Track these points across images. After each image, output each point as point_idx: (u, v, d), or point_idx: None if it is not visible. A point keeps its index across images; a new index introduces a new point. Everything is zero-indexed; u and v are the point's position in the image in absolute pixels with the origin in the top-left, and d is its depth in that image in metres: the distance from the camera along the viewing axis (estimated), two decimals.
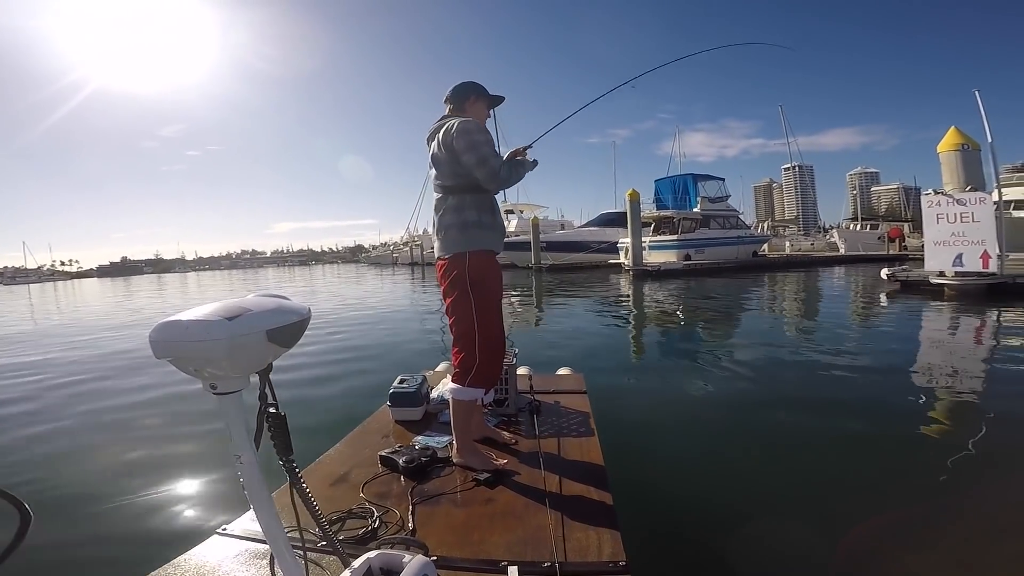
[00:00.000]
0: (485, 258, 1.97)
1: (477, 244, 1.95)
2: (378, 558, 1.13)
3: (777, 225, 47.85)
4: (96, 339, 8.84)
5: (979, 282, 9.04)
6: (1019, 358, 4.98)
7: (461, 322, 1.95)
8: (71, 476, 2.94)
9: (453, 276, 1.95)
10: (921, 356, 5.46)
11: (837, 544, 1.92)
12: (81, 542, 2.19)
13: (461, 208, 1.95)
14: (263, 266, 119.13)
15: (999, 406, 3.59)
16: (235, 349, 0.82)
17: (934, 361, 5.15)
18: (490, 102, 2.15)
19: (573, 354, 5.52)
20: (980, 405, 3.74)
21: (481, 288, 1.94)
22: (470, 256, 1.93)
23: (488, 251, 1.98)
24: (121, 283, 44.65)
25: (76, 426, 3.92)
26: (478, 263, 1.94)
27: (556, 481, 1.77)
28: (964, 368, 4.76)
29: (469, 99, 2.08)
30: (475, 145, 1.87)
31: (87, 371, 6.02)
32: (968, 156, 9.62)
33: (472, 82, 2.12)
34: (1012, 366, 4.74)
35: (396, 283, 22.80)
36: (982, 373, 4.62)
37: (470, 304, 1.92)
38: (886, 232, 28.71)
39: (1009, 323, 6.88)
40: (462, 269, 1.93)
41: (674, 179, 25.10)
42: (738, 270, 19.76)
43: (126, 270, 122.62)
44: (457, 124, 1.91)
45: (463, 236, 1.94)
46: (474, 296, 1.92)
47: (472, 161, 1.87)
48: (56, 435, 3.72)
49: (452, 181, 1.96)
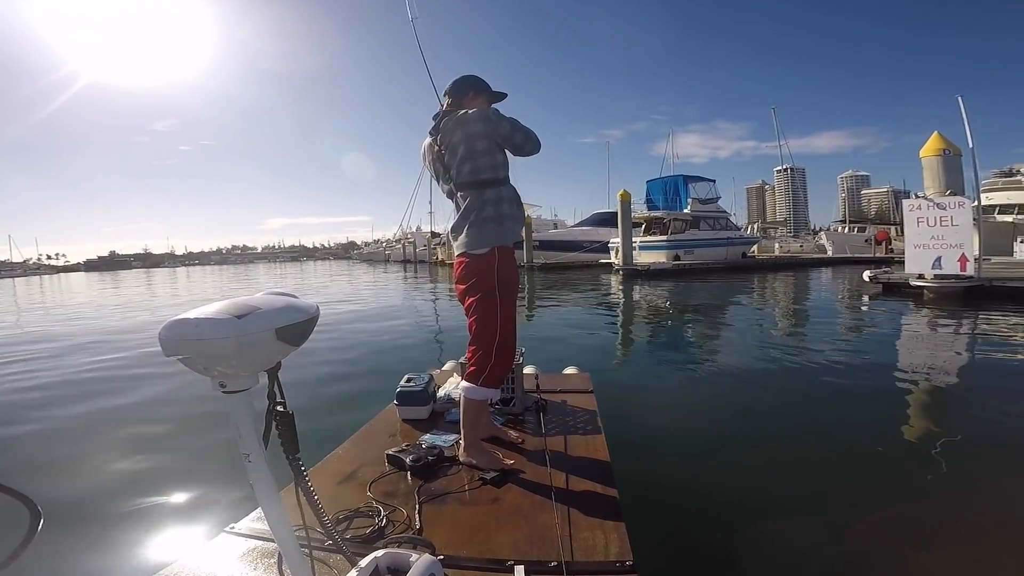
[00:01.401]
0: (510, 253, 1.93)
1: (501, 239, 1.90)
2: (385, 557, 1.13)
3: (767, 227, 48.25)
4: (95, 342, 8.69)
5: (957, 285, 9.19)
6: (999, 359, 5.08)
7: (483, 321, 1.89)
8: (79, 476, 2.91)
9: (481, 274, 1.88)
10: (906, 356, 5.54)
11: (842, 541, 1.94)
12: (90, 541, 2.17)
13: (479, 203, 1.90)
14: (254, 262, 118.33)
15: (994, 405, 3.67)
16: (244, 347, 0.81)
17: (918, 361, 5.22)
18: (490, 99, 2.07)
19: (565, 352, 5.53)
20: (976, 404, 3.81)
21: (506, 287, 1.90)
22: (499, 252, 1.89)
23: (509, 246, 1.94)
24: (109, 277, 44.10)
25: (80, 426, 3.87)
26: (506, 259, 1.91)
27: (563, 480, 1.76)
28: (951, 368, 4.87)
29: (468, 95, 2.01)
30: (511, 123, 1.91)
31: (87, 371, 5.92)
32: (949, 161, 9.77)
33: (474, 76, 2.05)
34: (994, 366, 4.86)
35: (389, 280, 22.74)
36: (969, 373, 4.72)
37: (495, 304, 1.87)
38: (873, 235, 29.08)
39: (986, 325, 7.04)
40: (491, 266, 1.87)
41: (665, 180, 25.21)
42: (727, 271, 19.91)
43: (114, 264, 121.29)
44: (478, 114, 1.89)
45: (483, 232, 1.88)
46: (502, 296, 1.88)
47: (519, 139, 1.91)
48: (58, 434, 3.68)
49: (490, 174, 1.91)
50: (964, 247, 9.11)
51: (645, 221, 23.39)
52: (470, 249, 1.91)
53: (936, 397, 3.96)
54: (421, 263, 37.69)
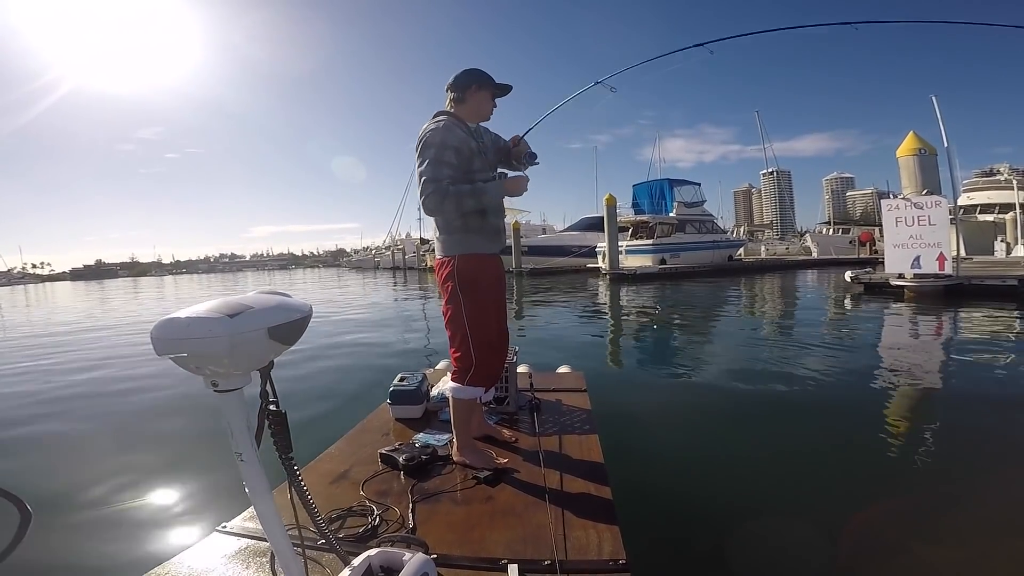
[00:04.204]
0: (476, 261, 1.95)
1: (465, 248, 1.94)
2: (378, 556, 1.13)
3: (754, 230, 48.77)
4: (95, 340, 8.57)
5: (936, 284, 9.28)
6: (979, 356, 5.14)
7: (453, 323, 1.95)
8: (69, 475, 2.89)
9: (443, 279, 1.96)
10: (889, 355, 5.61)
11: (835, 541, 1.95)
12: (80, 540, 2.15)
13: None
14: (242, 270, 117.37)
15: (975, 402, 3.73)
16: (237, 346, 0.81)
17: (900, 360, 5.26)
18: (494, 92, 2.03)
19: (557, 353, 5.54)
20: (958, 401, 3.86)
21: (472, 290, 1.93)
22: (458, 260, 1.93)
23: (479, 254, 1.96)
24: (96, 287, 43.46)
25: (74, 425, 3.85)
26: (467, 266, 1.93)
27: (556, 479, 1.77)
28: (932, 367, 4.93)
29: (471, 88, 1.97)
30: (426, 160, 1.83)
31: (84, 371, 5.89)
32: (925, 160, 9.87)
33: (477, 69, 1.99)
34: (974, 363, 4.91)
35: (379, 286, 22.66)
36: (950, 372, 4.79)
37: (460, 306, 1.92)
38: (857, 236, 29.44)
39: (966, 323, 7.17)
40: (451, 272, 1.93)
41: (651, 184, 25.36)
42: (713, 274, 19.96)
43: (100, 273, 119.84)
44: (425, 132, 1.88)
45: (450, 240, 1.95)
46: (464, 298, 1.92)
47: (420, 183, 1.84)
48: (53, 434, 3.65)
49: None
50: (942, 246, 9.19)
51: (631, 225, 23.51)
52: (439, 256, 1.99)
53: (919, 396, 4.00)
54: (411, 270, 37.56)
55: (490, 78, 2.01)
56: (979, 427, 3.21)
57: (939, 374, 4.70)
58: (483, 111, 2.04)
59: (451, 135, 1.87)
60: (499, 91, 2.05)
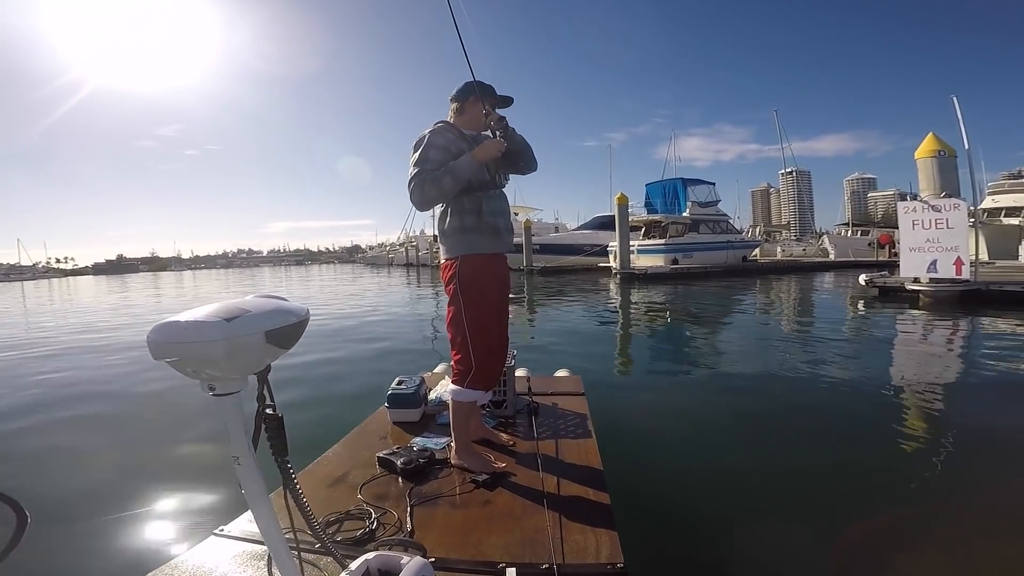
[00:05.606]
0: (479, 262, 1.95)
1: (467, 248, 1.94)
2: (376, 559, 1.13)
3: (771, 230, 48.06)
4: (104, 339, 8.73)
5: (952, 289, 9.01)
6: (992, 367, 4.97)
7: (454, 325, 1.97)
8: (67, 478, 2.91)
9: (446, 280, 1.99)
10: (899, 363, 5.47)
11: (832, 546, 1.93)
12: (78, 544, 2.16)
13: (444, 215, 1.98)
14: (259, 265, 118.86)
15: (985, 413, 3.65)
16: (233, 350, 0.82)
17: (910, 368, 5.16)
18: (494, 103, 2.03)
19: (557, 355, 5.53)
20: (967, 412, 3.78)
21: (473, 292, 1.93)
22: (462, 262, 1.94)
23: (480, 255, 1.95)
24: (117, 282, 44.26)
25: (71, 427, 3.87)
26: (470, 269, 1.94)
27: (554, 483, 1.77)
28: (943, 376, 4.78)
29: (470, 99, 2.01)
30: (416, 158, 1.86)
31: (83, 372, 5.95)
32: (944, 162, 9.62)
33: (476, 82, 1.98)
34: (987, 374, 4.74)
35: (392, 283, 22.76)
36: (961, 382, 4.64)
37: (460, 308, 1.93)
38: (876, 238, 28.86)
39: (981, 331, 6.90)
40: (452, 274, 1.95)
41: (664, 183, 25.00)
42: (725, 275, 19.63)
43: (121, 268, 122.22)
44: (424, 134, 1.91)
45: (448, 242, 1.97)
46: (464, 300, 1.93)
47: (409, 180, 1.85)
48: (51, 436, 3.67)
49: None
50: (959, 250, 8.92)
51: (644, 225, 23.28)
52: (443, 258, 2.02)
53: (927, 405, 3.88)
54: (424, 267, 37.73)
55: (492, 89, 2.03)
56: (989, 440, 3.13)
57: (950, 385, 4.50)
58: (479, 123, 2.03)
59: (439, 136, 1.91)
60: (499, 103, 2.06)
